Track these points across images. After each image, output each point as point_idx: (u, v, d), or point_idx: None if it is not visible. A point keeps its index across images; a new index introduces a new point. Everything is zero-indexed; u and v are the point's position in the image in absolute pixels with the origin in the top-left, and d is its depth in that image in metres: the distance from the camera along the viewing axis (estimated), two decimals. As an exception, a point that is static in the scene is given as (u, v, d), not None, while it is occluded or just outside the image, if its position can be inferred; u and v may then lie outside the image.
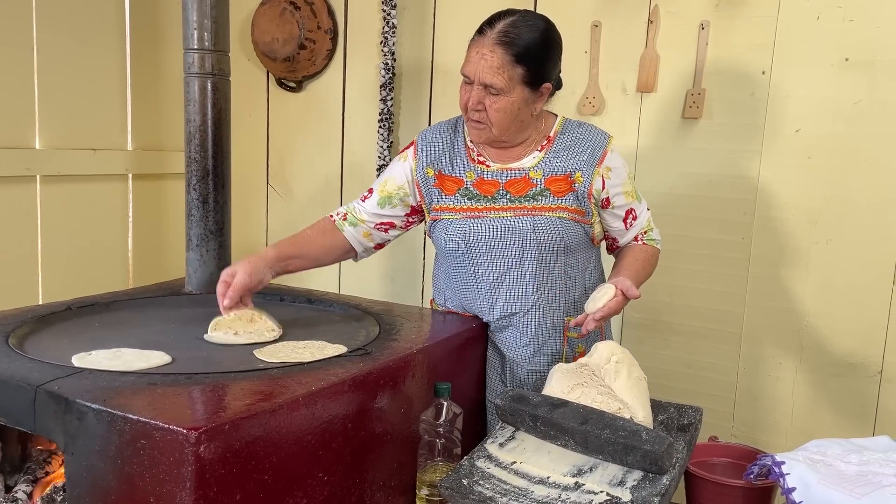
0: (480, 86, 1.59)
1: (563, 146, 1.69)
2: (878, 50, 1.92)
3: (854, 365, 2.01)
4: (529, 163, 1.69)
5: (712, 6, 2.09)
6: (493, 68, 1.56)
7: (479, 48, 1.59)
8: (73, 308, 1.66)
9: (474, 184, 1.71)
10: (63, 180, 2.56)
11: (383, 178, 1.81)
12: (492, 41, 1.57)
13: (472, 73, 1.59)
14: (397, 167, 1.79)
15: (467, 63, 1.61)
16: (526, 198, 1.67)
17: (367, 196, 1.80)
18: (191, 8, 1.85)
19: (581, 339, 1.72)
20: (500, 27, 1.58)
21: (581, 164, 1.66)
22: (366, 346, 1.45)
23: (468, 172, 1.72)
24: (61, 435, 1.14)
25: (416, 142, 1.79)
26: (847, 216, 1.99)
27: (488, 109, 1.60)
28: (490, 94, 1.59)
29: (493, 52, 1.57)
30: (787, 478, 1.17)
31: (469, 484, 1.23)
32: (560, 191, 1.66)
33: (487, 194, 1.69)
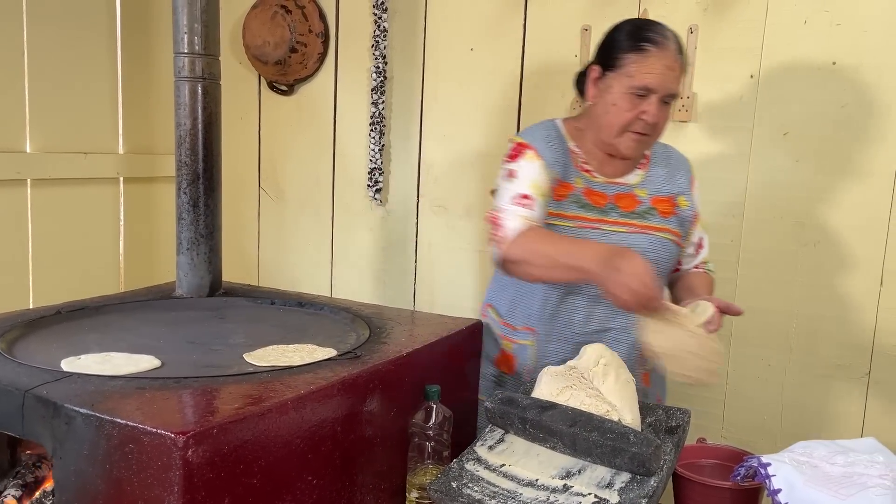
0: (659, 97, 1.57)
1: (659, 166, 1.72)
2: (865, 54, 1.94)
3: (842, 366, 2.03)
4: (633, 180, 1.69)
5: (701, 10, 2.10)
6: (677, 78, 1.58)
7: (665, 59, 1.55)
8: (63, 312, 1.66)
9: (584, 192, 1.66)
10: (54, 184, 2.56)
11: (527, 181, 1.62)
12: (675, 51, 1.57)
13: (659, 84, 1.55)
14: (533, 168, 1.64)
15: (650, 75, 1.55)
16: (635, 215, 1.66)
17: (529, 203, 1.61)
18: (181, 12, 1.84)
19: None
20: (673, 36, 1.58)
21: (684, 188, 1.72)
22: (355, 350, 1.45)
23: (577, 179, 1.67)
24: (50, 439, 1.14)
25: (534, 146, 1.66)
26: (835, 219, 2.00)
27: (661, 120, 1.60)
28: (663, 104, 1.59)
29: (677, 61, 1.57)
30: (773, 479, 1.18)
31: (458, 486, 1.24)
32: (666, 212, 1.68)
33: (597, 206, 1.66)
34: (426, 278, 2.62)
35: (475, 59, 2.45)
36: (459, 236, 2.54)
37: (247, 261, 2.97)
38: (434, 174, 2.57)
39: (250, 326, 1.68)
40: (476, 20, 2.43)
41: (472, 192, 2.50)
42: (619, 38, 1.62)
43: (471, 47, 2.45)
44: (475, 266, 2.53)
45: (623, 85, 1.57)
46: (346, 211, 2.75)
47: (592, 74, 1.65)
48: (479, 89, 2.45)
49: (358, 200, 2.72)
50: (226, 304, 1.88)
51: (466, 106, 2.48)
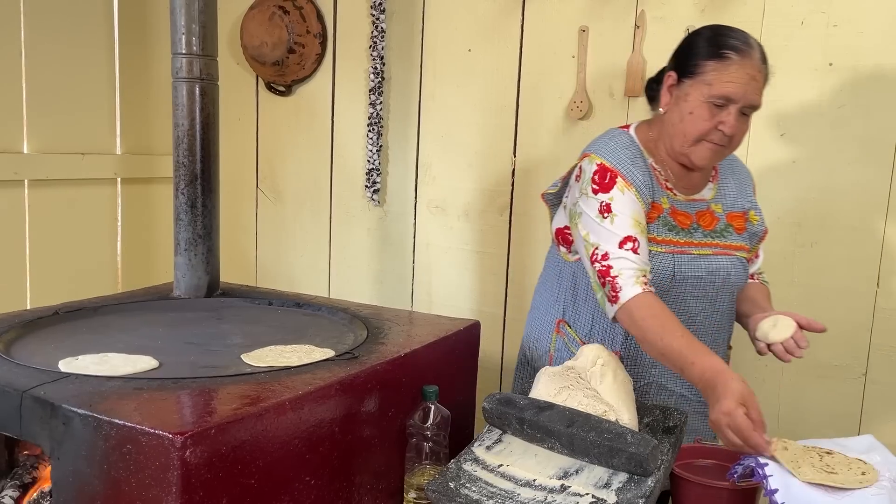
0: (737, 107, 1.49)
1: (726, 178, 1.69)
2: (862, 55, 1.94)
3: (839, 367, 2.03)
4: (708, 194, 1.65)
5: (698, 11, 2.11)
6: (760, 89, 1.51)
7: (748, 69, 1.48)
8: (61, 313, 1.66)
9: (670, 213, 1.60)
10: (51, 184, 2.55)
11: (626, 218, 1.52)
12: (759, 61, 1.50)
13: (740, 94, 1.48)
14: (629, 201, 1.54)
15: (732, 84, 1.48)
16: (715, 233, 1.63)
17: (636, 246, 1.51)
18: (179, 13, 1.85)
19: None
20: (757, 45, 1.51)
21: (754, 203, 1.69)
22: (353, 350, 1.45)
23: (663, 199, 1.60)
24: (47, 440, 1.14)
25: (618, 170, 1.55)
26: (831, 219, 2.01)
27: (738, 132, 1.52)
28: (742, 115, 1.51)
29: (760, 73, 1.50)
30: (770, 479, 1.18)
31: (456, 487, 1.24)
32: (740, 228, 1.66)
33: (683, 226, 1.61)
34: (424, 279, 2.62)
35: (473, 60, 2.45)
36: (457, 237, 2.54)
37: (245, 261, 2.97)
38: (432, 175, 2.58)
39: (248, 327, 1.68)
40: (474, 21, 2.44)
41: (469, 193, 2.51)
42: (698, 44, 1.54)
43: (468, 48, 2.46)
44: (473, 266, 2.53)
45: (701, 93, 1.50)
46: (344, 211, 2.75)
47: (668, 81, 1.57)
48: (477, 90, 2.46)
49: (356, 201, 2.72)
50: (223, 305, 1.88)
51: (464, 107, 2.49)
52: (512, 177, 2.41)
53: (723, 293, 1.63)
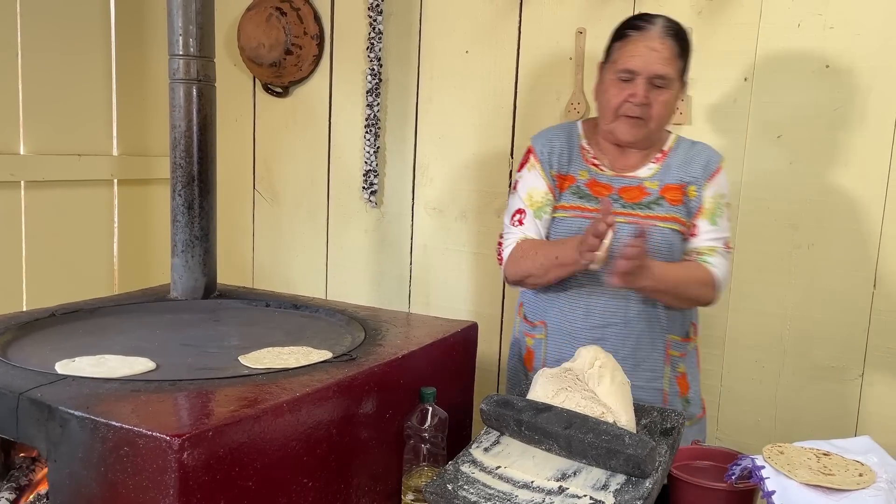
0: (646, 79, 1.60)
1: (677, 159, 1.71)
2: (858, 57, 1.95)
3: (836, 368, 2.03)
4: (645, 173, 1.70)
5: (695, 13, 2.11)
6: (665, 59, 1.60)
7: (647, 41, 1.60)
8: (57, 314, 1.65)
9: (587, 183, 1.71)
10: (47, 186, 2.55)
11: (523, 193, 1.75)
12: (660, 34, 1.60)
13: (641, 66, 1.59)
14: (531, 176, 1.75)
15: (632, 58, 1.60)
16: (639, 205, 1.67)
17: (522, 217, 1.73)
18: (176, 14, 1.84)
19: (681, 357, 1.72)
20: (662, 22, 1.62)
21: (696, 177, 1.68)
22: (351, 352, 1.45)
23: (581, 171, 1.73)
24: (44, 442, 1.14)
25: (533, 148, 1.77)
26: (828, 221, 2.01)
27: (653, 103, 1.61)
28: (655, 88, 1.61)
29: (663, 44, 1.60)
30: (767, 481, 1.18)
31: (453, 489, 1.24)
32: (674, 199, 1.68)
33: (599, 196, 1.69)
34: (421, 280, 2.62)
35: (470, 62, 2.45)
36: (454, 238, 2.54)
37: (242, 263, 2.97)
38: (429, 176, 2.58)
39: (245, 329, 1.68)
40: (471, 23, 2.44)
41: (467, 195, 2.51)
42: (612, 34, 1.70)
43: (466, 49, 2.46)
44: (470, 268, 2.53)
45: (612, 72, 1.64)
46: (342, 213, 2.75)
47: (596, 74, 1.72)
48: (474, 91, 2.46)
49: (353, 202, 2.72)
50: (220, 307, 1.88)
51: (461, 108, 2.49)
52: (509, 178, 2.41)
53: None
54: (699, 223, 1.68)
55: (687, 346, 1.75)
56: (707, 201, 1.68)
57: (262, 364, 1.37)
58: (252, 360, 1.40)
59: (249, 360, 1.39)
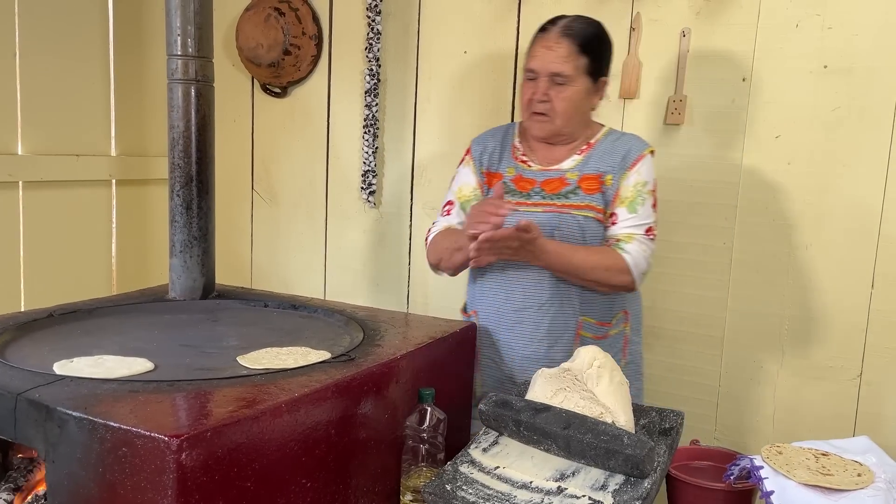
0: (547, 77, 1.69)
1: (601, 151, 1.77)
2: (856, 57, 1.95)
3: (834, 368, 2.04)
4: (568, 165, 1.77)
5: (693, 13, 2.11)
6: (560, 57, 1.68)
7: (545, 42, 1.70)
8: (55, 315, 1.65)
9: (513, 179, 1.80)
10: (46, 186, 2.55)
11: (455, 187, 1.89)
12: (557, 34, 1.69)
13: (539, 65, 1.70)
14: (464, 172, 1.89)
15: (532, 58, 1.72)
16: (558, 196, 1.75)
17: (450, 208, 1.87)
18: (174, 14, 1.84)
19: (596, 340, 1.75)
20: (562, 23, 1.71)
21: (614, 167, 1.73)
22: (349, 353, 1.45)
23: (509, 168, 1.82)
24: (42, 443, 1.14)
25: (471, 147, 1.90)
26: (826, 221, 2.01)
27: (554, 100, 1.70)
28: (556, 85, 1.69)
29: (559, 44, 1.68)
30: (766, 481, 1.18)
31: (452, 489, 1.24)
32: (590, 188, 1.74)
33: (523, 190, 1.78)
34: (420, 280, 2.62)
35: (469, 62, 2.45)
36: (453, 239, 2.54)
37: (240, 263, 2.96)
38: (428, 176, 2.58)
39: (244, 329, 1.67)
40: (470, 23, 2.44)
41: (465, 195, 2.50)
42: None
43: (464, 50, 2.46)
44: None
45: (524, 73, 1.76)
46: (340, 213, 2.75)
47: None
48: (473, 92, 2.46)
49: (351, 203, 2.72)
50: (219, 307, 1.87)
51: (460, 108, 2.49)
52: (508, 179, 2.40)
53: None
54: (618, 211, 1.73)
55: (606, 330, 1.79)
56: (627, 189, 1.72)
57: (261, 364, 1.37)
58: (250, 360, 1.40)
59: (248, 361, 1.39)
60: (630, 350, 1.83)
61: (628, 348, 1.83)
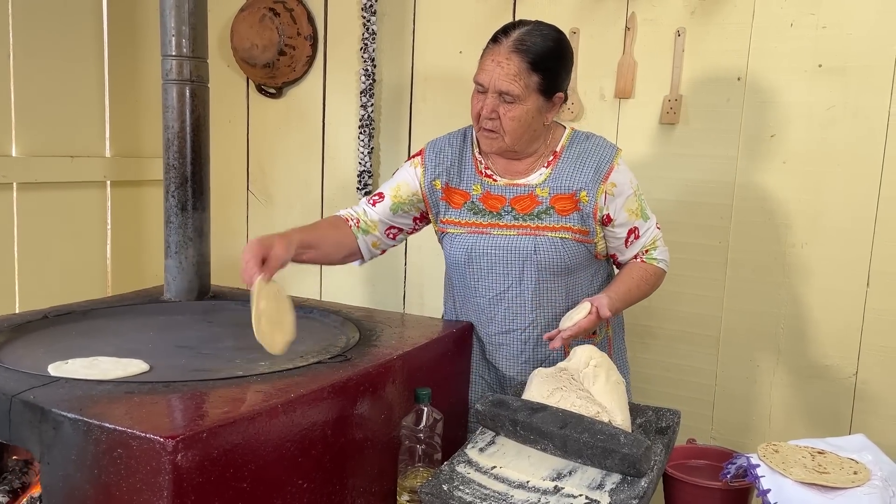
0: (495, 94, 1.57)
1: (569, 162, 1.66)
2: (851, 56, 1.95)
3: (830, 367, 2.04)
4: (536, 179, 1.67)
5: (688, 13, 2.11)
6: (509, 76, 1.55)
7: (495, 56, 1.56)
8: (50, 316, 1.64)
9: (481, 198, 1.70)
10: (40, 187, 2.54)
11: (395, 182, 1.77)
12: (508, 49, 1.55)
13: (487, 81, 1.57)
14: (408, 173, 1.76)
15: (481, 71, 1.59)
16: (530, 216, 1.65)
17: (378, 200, 1.76)
18: (169, 14, 1.84)
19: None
20: (516, 35, 1.56)
21: (587, 182, 1.63)
22: (345, 353, 1.45)
23: (475, 186, 1.71)
24: (37, 444, 1.13)
25: (425, 151, 1.77)
26: (821, 220, 2.02)
27: (502, 118, 1.58)
28: (504, 102, 1.57)
29: (509, 60, 1.55)
30: (762, 480, 1.19)
31: (449, 489, 1.24)
32: (565, 209, 1.64)
33: (493, 210, 1.68)
34: (416, 281, 2.62)
35: (464, 62, 2.45)
36: (449, 239, 2.54)
37: (235, 264, 2.95)
38: (423, 177, 2.57)
39: (239, 330, 1.66)
40: (464, 23, 2.44)
41: (461, 195, 2.50)
42: None
43: (459, 50, 2.46)
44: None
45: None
46: (336, 214, 2.75)
47: None
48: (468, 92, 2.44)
49: (347, 203, 2.69)
50: (214, 308, 1.87)
51: (455, 109, 2.48)
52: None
53: (529, 270, 1.66)
54: (637, 225, 1.68)
55: (591, 342, 1.71)
56: (628, 202, 1.66)
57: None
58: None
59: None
60: (614, 352, 1.81)
61: (613, 351, 1.81)
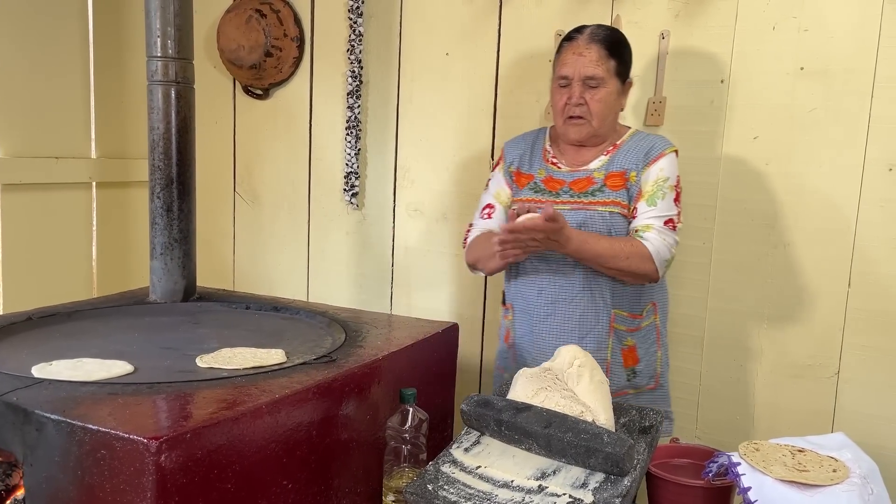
0: (580, 82, 1.77)
1: (626, 150, 1.83)
2: (832, 59, 1.98)
3: (812, 366, 2.06)
4: (595, 165, 1.84)
5: (672, 16, 2.13)
6: (592, 62, 1.76)
7: (575, 49, 1.78)
8: (34, 318, 1.64)
9: (543, 180, 1.87)
10: (25, 189, 2.52)
11: (492, 191, 1.95)
12: (586, 41, 1.78)
13: (572, 71, 1.77)
14: (498, 177, 1.96)
15: (563, 65, 1.79)
16: (585, 194, 1.81)
17: (491, 211, 1.92)
18: (154, 15, 1.84)
19: (629, 332, 1.82)
20: (589, 30, 1.80)
21: (637, 164, 1.80)
22: (331, 353, 1.45)
23: (540, 170, 1.89)
24: (20, 446, 1.13)
25: (504, 149, 1.98)
26: (803, 221, 2.04)
27: (589, 102, 1.77)
28: (590, 88, 1.77)
29: (589, 49, 1.77)
30: (743, 478, 1.20)
31: (434, 489, 1.24)
32: (615, 185, 1.80)
33: (553, 190, 1.85)
34: (403, 282, 2.62)
35: (451, 64, 2.46)
36: (436, 240, 2.54)
37: (222, 265, 2.95)
38: (410, 178, 2.58)
39: (225, 331, 1.67)
40: (451, 24, 2.44)
41: (448, 196, 2.51)
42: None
43: (446, 52, 2.46)
44: (452, 269, 2.53)
45: (554, 81, 1.84)
46: (323, 215, 2.75)
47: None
48: (455, 93, 2.46)
49: (334, 204, 2.71)
50: (200, 310, 1.87)
51: (442, 110, 2.49)
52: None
53: None
54: (638, 205, 1.79)
55: (639, 322, 1.84)
56: (647, 185, 1.79)
57: (206, 364, 1.37)
58: (204, 361, 1.39)
59: (202, 362, 1.39)
60: (662, 343, 1.89)
61: (661, 340, 1.89)
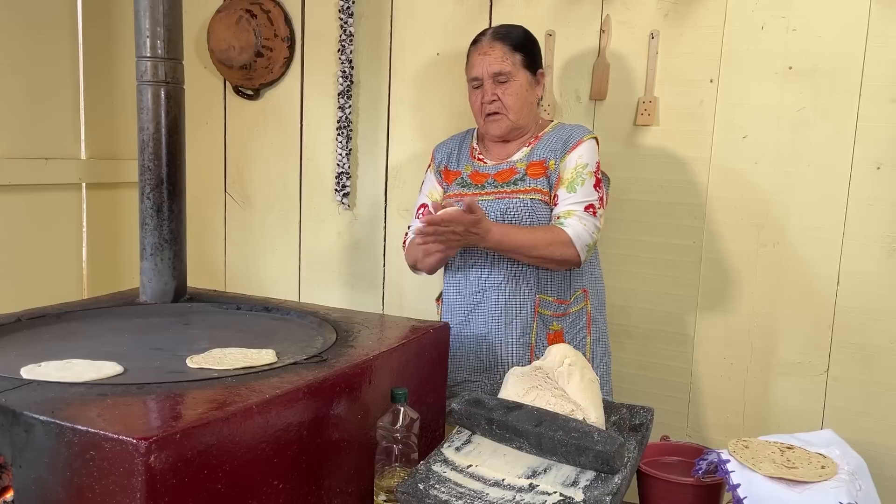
0: (490, 79, 1.85)
1: (546, 140, 1.90)
2: (820, 59, 1.99)
3: (801, 364, 2.07)
4: (517, 157, 1.91)
5: (662, 16, 2.14)
6: (497, 59, 1.85)
7: (480, 51, 1.87)
8: (24, 319, 1.63)
9: (470, 175, 1.95)
10: (14, 190, 2.51)
11: (425, 191, 2.04)
12: (489, 41, 1.87)
13: (480, 71, 1.86)
14: (429, 178, 2.05)
15: (473, 67, 1.89)
16: (507, 184, 1.88)
17: (425, 211, 1.91)
18: (143, 16, 1.83)
19: (556, 317, 1.88)
20: (491, 31, 1.90)
21: (556, 152, 1.86)
22: (322, 353, 1.45)
23: (467, 166, 1.97)
24: (9, 448, 1.12)
25: (433, 152, 2.07)
26: (792, 219, 2.05)
27: (502, 97, 1.85)
28: (500, 84, 1.85)
29: (493, 47, 1.86)
30: (732, 475, 1.20)
31: (425, 488, 1.24)
32: (536, 174, 1.86)
33: (478, 183, 1.93)
34: (394, 282, 2.62)
35: (441, 64, 2.46)
36: (427, 240, 2.54)
37: (213, 266, 2.94)
38: (402, 178, 2.58)
39: (216, 332, 1.67)
40: (441, 24, 2.45)
41: (439, 196, 2.51)
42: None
43: (437, 52, 2.47)
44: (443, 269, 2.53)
45: (468, 84, 1.93)
46: (314, 215, 2.75)
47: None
48: (446, 93, 2.47)
49: (325, 205, 2.71)
50: (191, 310, 1.86)
51: (433, 110, 2.50)
52: (481, 180, 2.41)
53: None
54: (559, 192, 1.85)
55: (566, 308, 1.90)
56: (566, 172, 1.85)
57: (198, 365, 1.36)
58: (195, 361, 1.39)
59: (193, 362, 1.39)
60: (595, 329, 1.93)
61: (593, 326, 1.92)
